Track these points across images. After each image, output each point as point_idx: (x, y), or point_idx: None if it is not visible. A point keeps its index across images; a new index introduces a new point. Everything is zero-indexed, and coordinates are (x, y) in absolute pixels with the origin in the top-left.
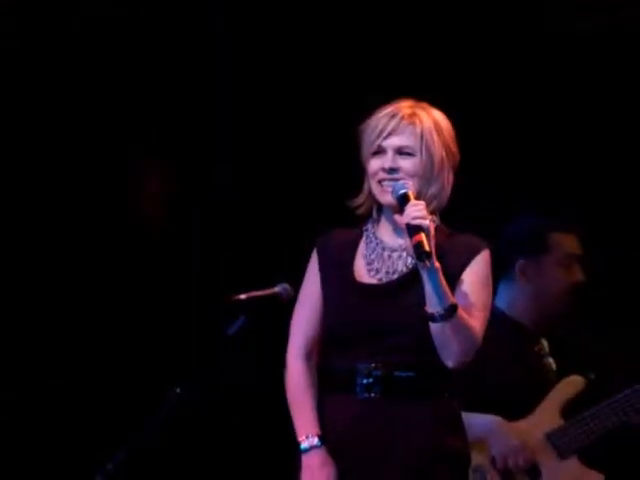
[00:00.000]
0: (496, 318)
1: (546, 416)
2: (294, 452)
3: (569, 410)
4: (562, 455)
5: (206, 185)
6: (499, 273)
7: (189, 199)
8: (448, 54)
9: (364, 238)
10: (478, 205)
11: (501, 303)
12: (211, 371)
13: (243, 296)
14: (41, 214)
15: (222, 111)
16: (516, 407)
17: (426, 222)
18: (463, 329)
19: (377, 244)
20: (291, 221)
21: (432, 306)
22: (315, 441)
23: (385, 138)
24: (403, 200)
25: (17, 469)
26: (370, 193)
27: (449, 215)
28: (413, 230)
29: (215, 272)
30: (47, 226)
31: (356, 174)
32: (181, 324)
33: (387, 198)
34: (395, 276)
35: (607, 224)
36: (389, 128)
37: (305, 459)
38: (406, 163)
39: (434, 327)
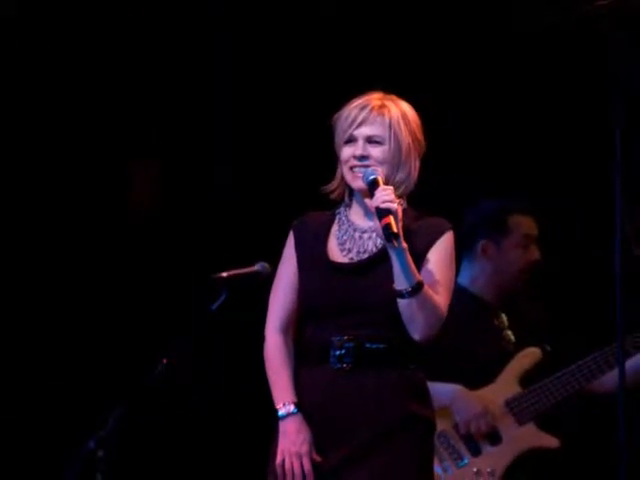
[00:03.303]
0: (459, 294)
1: (506, 385)
2: (272, 419)
3: (527, 379)
4: (520, 421)
5: (206, 185)
6: (462, 252)
7: (189, 199)
8: (448, 53)
9: (337, 220)
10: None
11: (464, 280)
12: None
13: (225, 274)
14: (41, 214)
15: (222, 111)
16: (478, 376)
17: (394, 205)
18: (429, 305)
19: (349, 226)
20: (290, 221)
21: (400, 283)
22: (291, 408)
23: (356, 128)
24: (373, 185)
25: (17, 469)
26: (342, 179)
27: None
28: (382, 213)
29: (215, 272)
30: (47, 226)
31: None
32: (181, 324)
33: (358, 183)
34: (366, 255)
35: (607, 224)
36: (360, 118)
37: (282, 425)
38: (376, 151)
39: (402, 303)
